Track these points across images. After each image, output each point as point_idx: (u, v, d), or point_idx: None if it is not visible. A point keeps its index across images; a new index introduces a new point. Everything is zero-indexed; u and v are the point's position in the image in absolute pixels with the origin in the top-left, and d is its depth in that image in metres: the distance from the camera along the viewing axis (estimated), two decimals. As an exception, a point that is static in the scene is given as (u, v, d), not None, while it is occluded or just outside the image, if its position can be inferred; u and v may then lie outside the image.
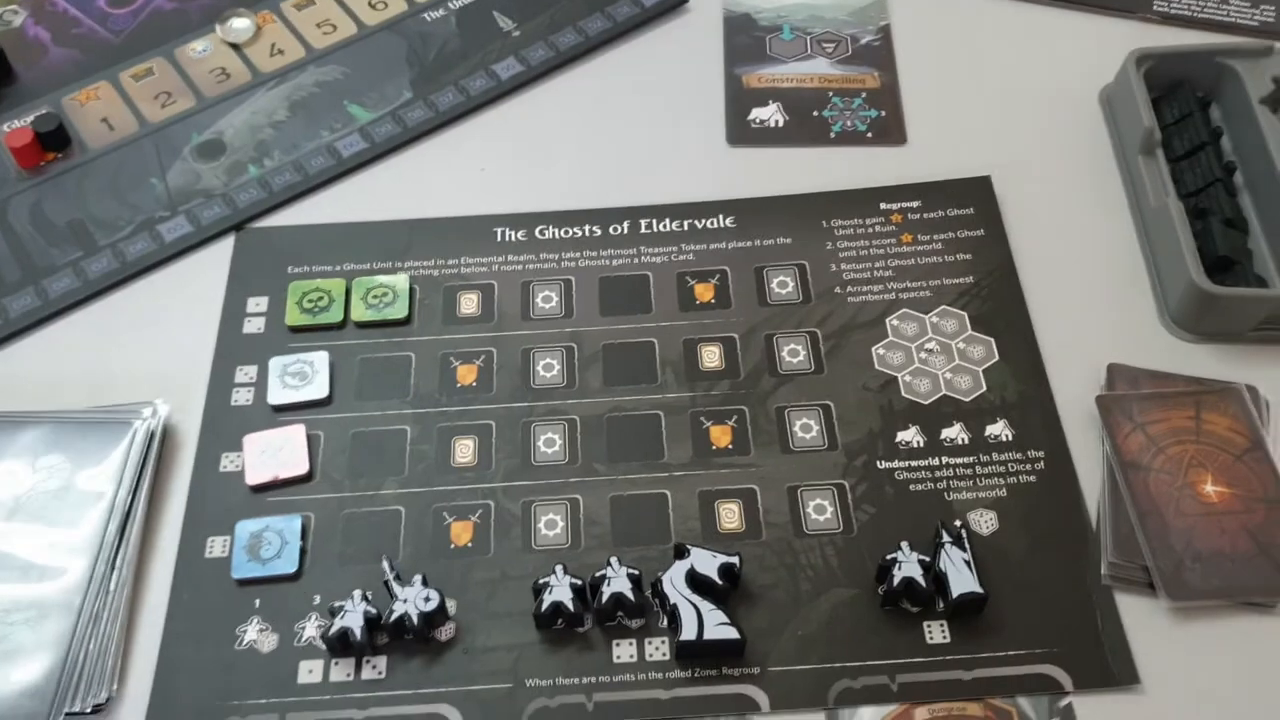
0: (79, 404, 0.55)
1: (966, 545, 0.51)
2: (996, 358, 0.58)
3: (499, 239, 0.62)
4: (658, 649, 0.49)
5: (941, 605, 0.50)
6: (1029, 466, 0.55)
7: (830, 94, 0.69)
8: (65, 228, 0.62)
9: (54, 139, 0.65)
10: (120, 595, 0.50)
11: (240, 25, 0.71)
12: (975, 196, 0.63)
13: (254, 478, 0.54)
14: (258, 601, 0.51)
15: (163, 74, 0.69)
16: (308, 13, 0.72)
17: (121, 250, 0.61)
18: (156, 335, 0.59)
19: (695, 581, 0.50)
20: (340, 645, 0.49)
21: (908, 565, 0.50)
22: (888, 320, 0.59)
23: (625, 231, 0.63)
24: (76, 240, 0.62)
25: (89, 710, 0.47)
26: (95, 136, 0.66)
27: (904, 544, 0.51)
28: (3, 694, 0.47)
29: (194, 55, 0.70)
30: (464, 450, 0.55)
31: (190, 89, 0.68)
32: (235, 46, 0.70)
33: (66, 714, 0.47)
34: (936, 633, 0.50)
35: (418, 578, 0.50)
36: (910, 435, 0.56)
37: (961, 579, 0.50)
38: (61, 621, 0.49)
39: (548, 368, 0.58)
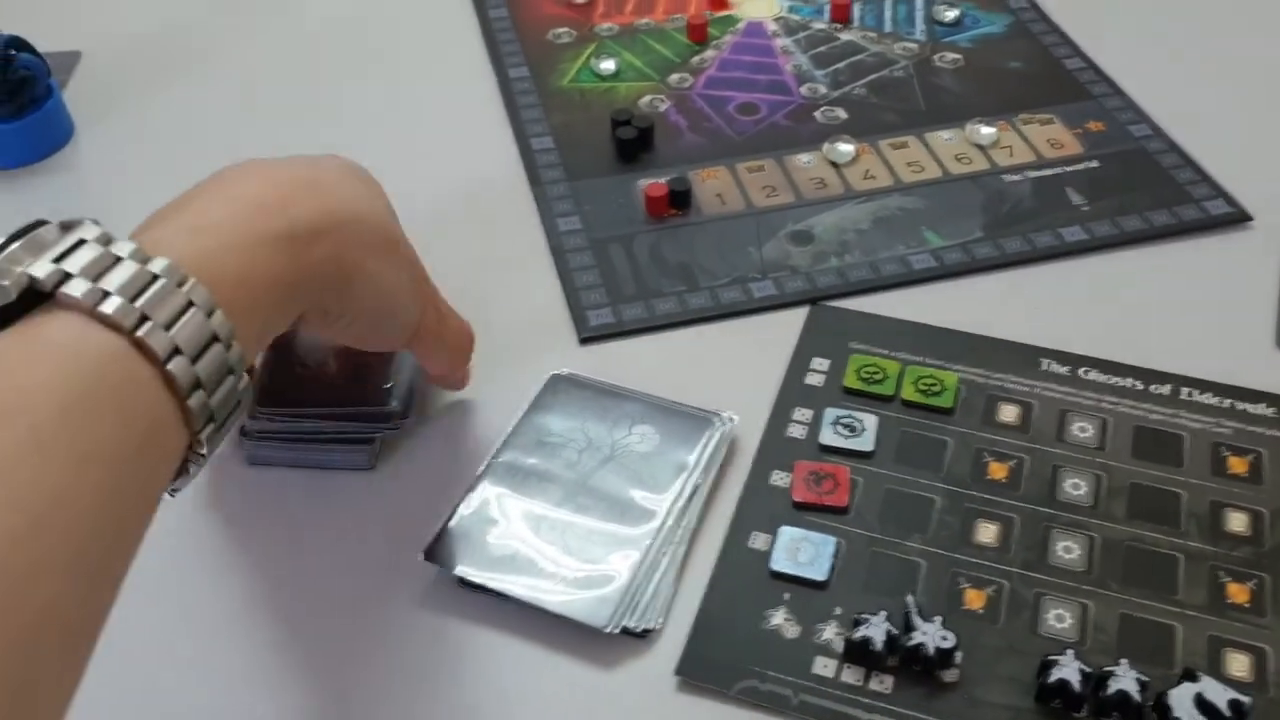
0: (667, 396, 0.65)
1: None
2: None
3: (1042, 368, 0.68)
4: (1147, 758, 0.51)
5: None
6: None
7: (1390, 329, 0.70)
8: (676, 266, 0.74)
9: (681, 199, 0.77)
10: (679, 550, 0.58)
11: (843, 149, 0.82)
12: None
13: (799, 496, 0.61)
14: (787, 595, 0.57)
15: (771, 172, 0.81)
16: (901, 153, 0.82)
17: (717, 294, 0.72)
18: (734, 364, 0.68)
19: (1203, 706, 0.51)
20: (859, 651, 0.54)
21: None
22: None
23: (1167, 393, 0.66)
24: (683, 278, 0.73)
25: (639, 631, 0.55)
26: (710, 205, 0.78)
27: None
28: (581, 596, 0.55)
29: (799, 164, 0.82)
30: (986, 532, 0.60)
31: (791, 188, 0.80)
32: (835, 165, 0.81)
33: (623, 627, 0.54)
34: None
35: (937, 618, 0.54)
36: None
37: None
38: (633, 554, 0.57)
39: (1075, 486, 0.62)
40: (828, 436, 0.64)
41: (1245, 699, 0.51)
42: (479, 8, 0.98)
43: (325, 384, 0.62)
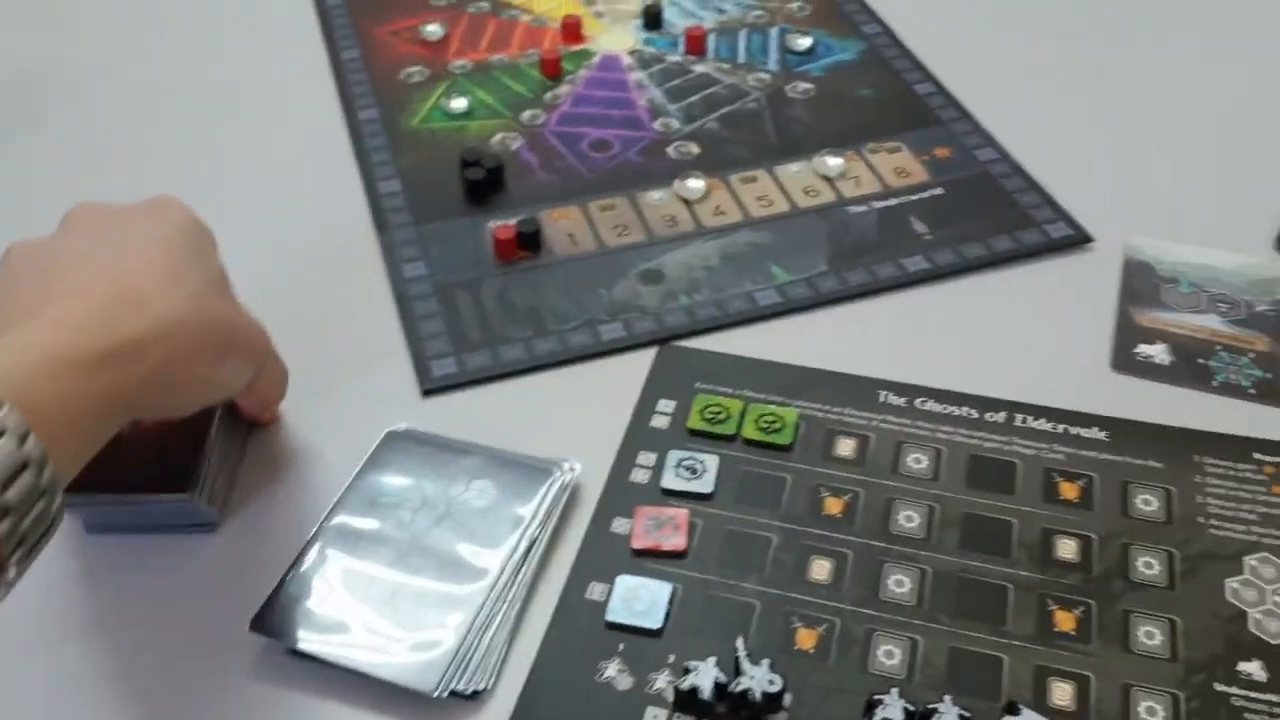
0: (509, 447, 0.65)
1: (1303, 784, 0.51)
2: (1358, 621, 0.58)
3: (881, 400, 0.69)
4: (973, 791, 0.52)
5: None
6: (1379, 731, 0.54)
7: (1218, 347, 0.72)
8: (524, 311, 0.74)
9: (530, 240, 0.77)
10: (514, 607, 0.58)
11: (694, 185, 0.83)
12: (1356, 468, 0.65)
13: (638, 543, 0.61)
14: (621, 645, 0.57)
15: (623, 210, 0.81)
16: (751, 187, 0.83)
17: (565, 338, 0.72)
18: (580, 411, 0.68)
19: (1022, 739, 0.52)
20: (687, 700, 0.54)
21: (1238, 784, 0.51)
22: (1246, 559, 0.61)
23: (1001, 421, 0.68)
24: (531, 323, 0.73)
25: (469, 693, 0.54)
26: (561, 246, 0.78)
27: (1237, 763, 0.51)
28: (406, 661, 0.55)
29: (651, 201, 0.82)
30: (820, 569, 0.61)
31: (643, 226, 0.80)
32: (686, 201, 0.82)
33: (451, 690, 0.54)
34: None
35: (765, 661, 0.55)
36: (1253, 669, 0.56)
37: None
38: (464, 614, 0.56)
39: (908, 519, 0.63)
40: (670, 480, 0.64)
41: (1063, 729, 0.52)
42: (331, 48, 0.97)
43: (125, 459, 0.57)
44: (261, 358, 0.59)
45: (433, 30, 0.97)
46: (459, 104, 0.90)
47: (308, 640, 0.56)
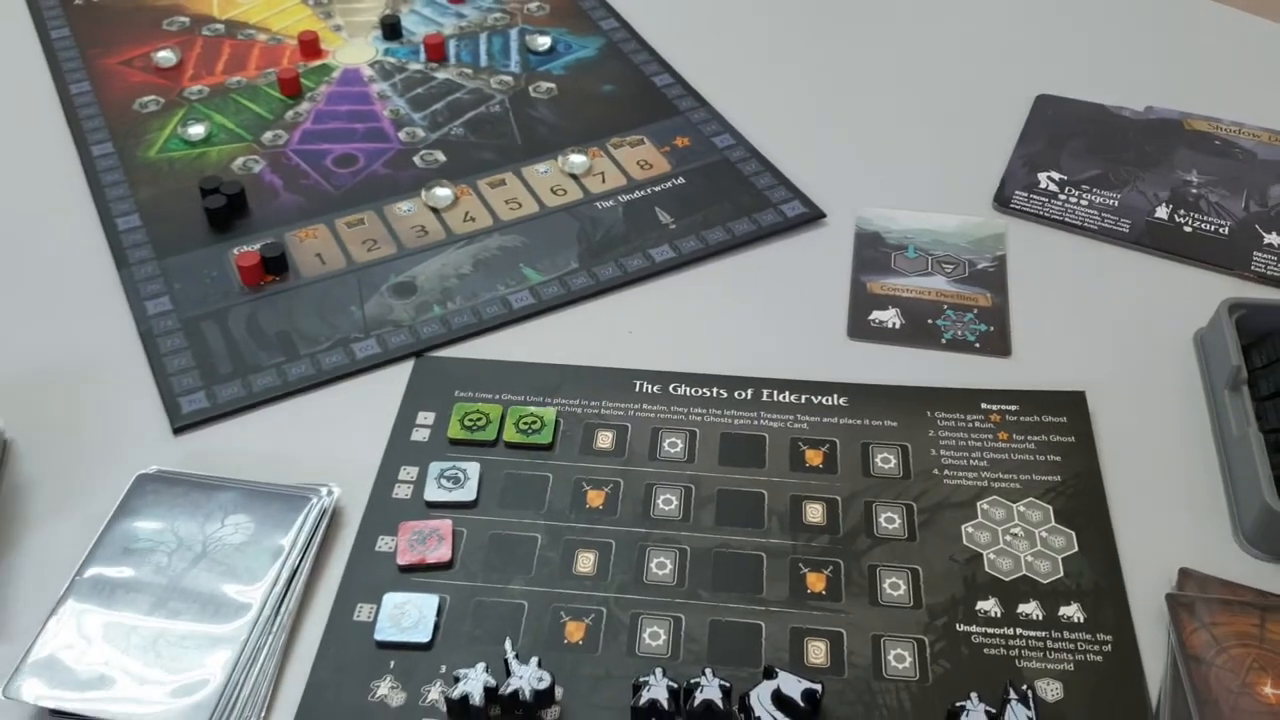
0: (268, 478, 0.64)
1: (1032, 705, 0.55)
2: (1076, 549, 0.63)
3: (637, 389, 0.71)
4: (738, 756, 0.55)
5: (1003, 755, 0.54)
6: (1097, 648, 0.59)
7: (945, 306, 0.77)
8: (274, 336, 0.73)
9: (276, 264, 0.77)
10: (279, 639, 0.57)
11: (442, 194, 0.83)
12: (1069, 408, 0.70)
13: (403, 559, 0.61)
14: (393, 663, 0.58)
15: (372, 224, 0.81)
16: (499, 190, 0.84)
17: (319, 360, 0.72)
18: (339, 432, 0.68)
19: (780, 701, 0.55)
20: (459, 708, 0.55)
21: (975, 714, 0.55)
22: (978, 504, 0.65)
23: (749, 397, 0.71)
24: (282, 348, 0.72)
25: (239, 730, 0.54)
26: (309, 267, 0.78)
27: (973, 694, 0.56)
28: (172, 706, 0.54)
29: (400, 213, 0.82)
30: (585, 561, 0.62)
31: (393, 239, 0.80)
32: (435, 210, 0.82)
33: (220, 729, 0.54)
34: (996, 779, 0.54)
35: (534, 659, 0.56)
36: (989, 605, 0.61)
37: (1024, 731, 0.54)
38: (228, 652, 0.56)
39: (666, 502, 0.65)
40: (432, 492, 0.65)
41: (817, 687, 0.56)
42: (59, 84, 0.93)
43: None
44: None
45: (165, 57, 0.95)
46: (197, 130, 0.88)
47: (66, 699, 0.54)
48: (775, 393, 0.71)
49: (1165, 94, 0.94)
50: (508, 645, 0.57)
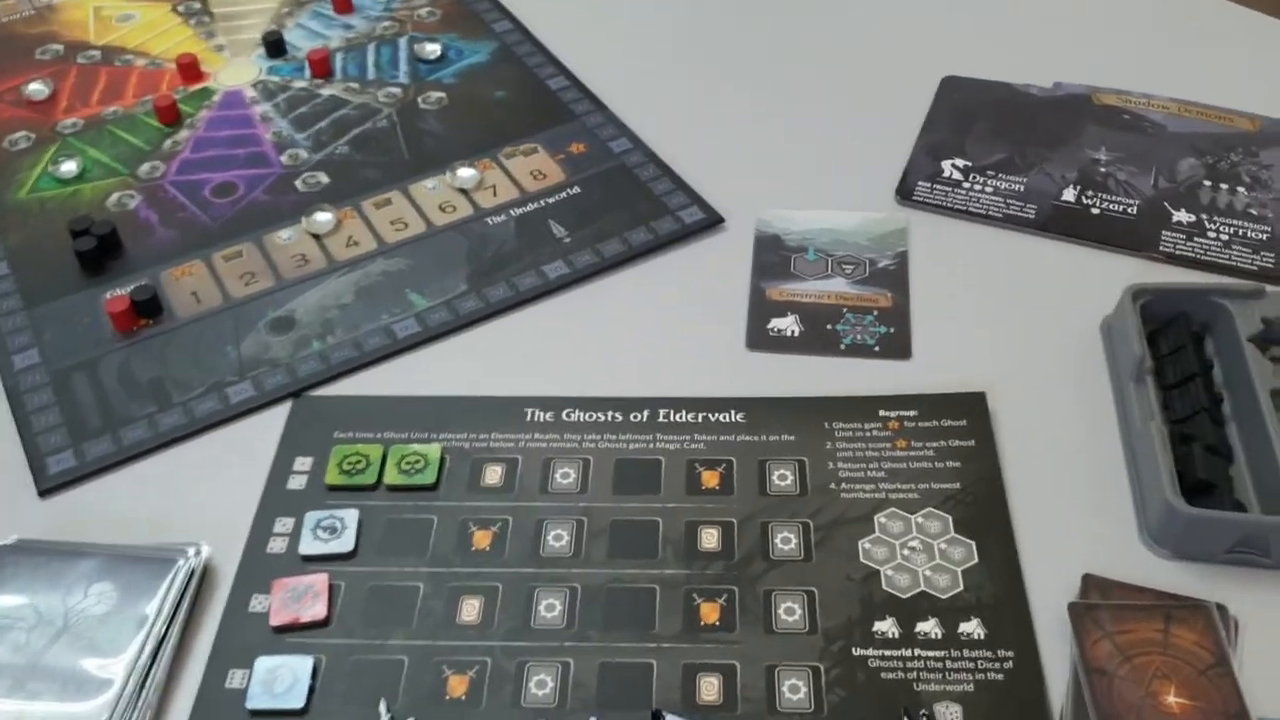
0: (138, 540, 0.61)
1: (929, 734, 0.54)
2: (976, 560, 0.61)
3: (528, 418, 0.69)
4: (626, 809, 0.52)
5: (899, 790, 0.53)
6: (998, 665, 0.57)
7: (845, 310, 0.75)
8: (146, 385, 0.70)
9: (148, 307, 0.74)
10: (144, 715, 0.55)
11: (323, 218, 0.80)
12: (969, 410, 0.68)
13: (277, 619, 0.59)
14: (265, 732, 0.55)
15: (250, 256, 0.78)
16: (384, 211, 0.81)
17: (191, 408, 0.69)
18: (212, 484, 0.65)
19: (666, 746, 0.53)
20: (332, 778, 0.53)
21: (869, 748, 0.53)
22: (876, 517, 0.63)
23: (645, 419, 0.68)
24: (154, 397, 0.69)
25: (101, 818, 0.52)
26: (184, 307, 0.75)
27: (868, 727, 0.54)
28: (27, 796, 0.51)
29: (280, 242, 0.79)
30: (470, 609, 0.60)
31: (272, 270, 0.77)
32: (317, 236, 0.79)
33: (81, 820, 0.51)
34: (892, 816, 0.52)
35: (411, 719, 0.54)
36: (887, 626, 0.59)
37: (918, 765, 0.52)
38: (89, 733, 0.54)
39: (557, 538, 0.63)
40: (308, 544, 0.62)
41: (705, 728, 0.54)
42: (-79, 124, 0.90)
43: None
44: None
45: (37, 89, 0.91)
46: (69, 167, 0.85)
47: (-82, 798, 0.52)
48: (672, 412, 0.69)
49: (1074, 69, 0.92)
50: (382, 707, 0.55)
